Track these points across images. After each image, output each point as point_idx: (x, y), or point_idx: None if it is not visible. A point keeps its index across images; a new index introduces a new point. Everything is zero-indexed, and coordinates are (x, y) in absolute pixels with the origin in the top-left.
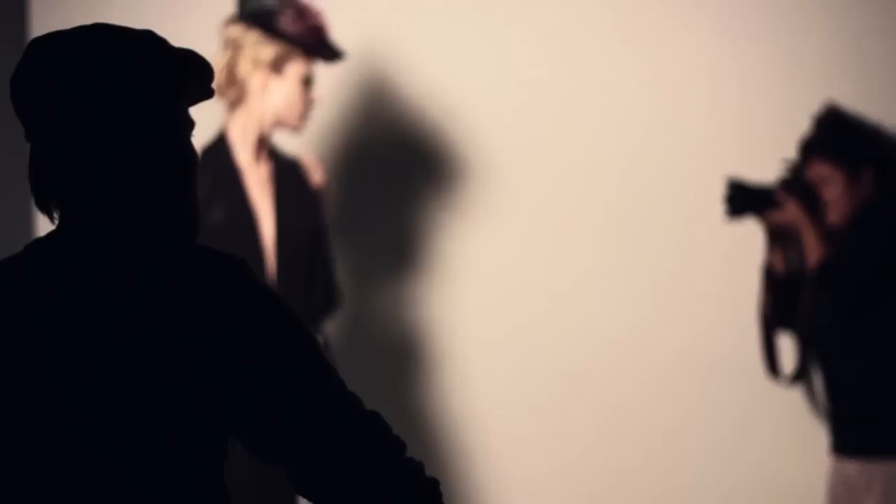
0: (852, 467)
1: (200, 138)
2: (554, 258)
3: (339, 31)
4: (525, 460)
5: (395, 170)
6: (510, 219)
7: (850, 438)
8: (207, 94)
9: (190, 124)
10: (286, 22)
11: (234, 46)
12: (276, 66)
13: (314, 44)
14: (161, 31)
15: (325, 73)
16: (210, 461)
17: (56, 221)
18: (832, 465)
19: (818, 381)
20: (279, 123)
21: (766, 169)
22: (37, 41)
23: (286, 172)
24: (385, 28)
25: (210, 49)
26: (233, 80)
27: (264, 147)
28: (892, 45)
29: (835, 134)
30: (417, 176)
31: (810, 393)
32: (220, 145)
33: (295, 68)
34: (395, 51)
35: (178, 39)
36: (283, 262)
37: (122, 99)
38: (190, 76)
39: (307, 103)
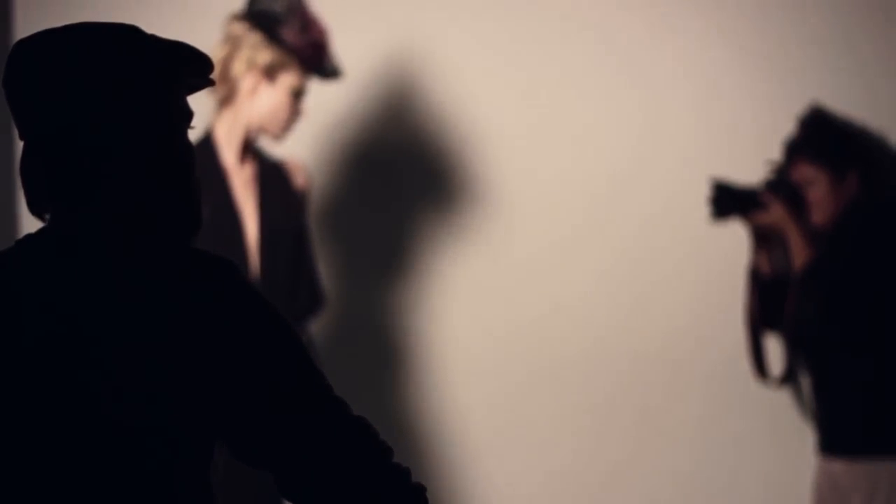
0: (839, 466)
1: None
2: (540, 260)
3: (336, 33)
4: (510, 463)
5: (383, 172)
6: (497, 220)
7: (836, 438)
8: (206, 82)
9: (187, 116)
10: (289, 32)
11: (233, 44)
12: (270, 73)
13: (311, 59)
14: (155, 31)
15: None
16: (196, 463)
17: (47, 222)
18: (819, 464)
19: (805, 381)
20: (261, 129)
21: (752, 170)
22: (22, 42)
23: (270, 174)
24: (380, 30)
25: (207, 45)
26: (225, 76)
27: (249, 148)
28: (878, 46)
29: (820, 135)
30: (406, 179)
31: (797, 393)
32: (206, 145)
33: (288, 78)
34: (386, 54)
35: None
36: (266, 263)
37: (111, 94)
38: (180, 66)
39: (292, 115)
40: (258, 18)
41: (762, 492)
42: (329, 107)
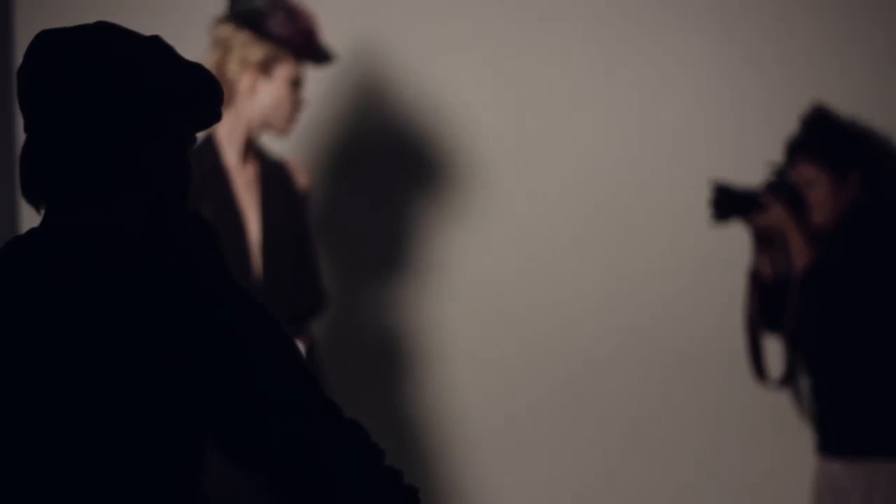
0: (837, 467)
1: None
2: (541, 259)
3: (327, 31)
4: (511, 461)
5: (381, 171)
6: (497, 219)
7: (834, 438)
8: (216, 116)
9: (191, 139)
10: (276, 23)
11: (223, 47)
12: (265, 68)
13: (303, 46)
14: (149, 32)
15: (311, 74)
16: (187, 466)
17: (42, 213)
18: (818, 464)
19: (804, 382)
20: (266, 125)
21: (752, 171)
22: (46, 33)
23: (272, 174)
24: (372, 28)
25: (198, 49)
26: (221, 80)
27: (251, 148)
28: (880, 45)
29: (821, 135)
30: (404, 177)
31: (797, 394)
32: (208, 146)
33: (284, 70)
34: (381, 51)
35: (167, 39)
36: (268, 263)
37: (123, 101)
38: (195, 89)
39: (295, 105)
40: (243, 17)
41: (761, 492)
42: (329, 107)
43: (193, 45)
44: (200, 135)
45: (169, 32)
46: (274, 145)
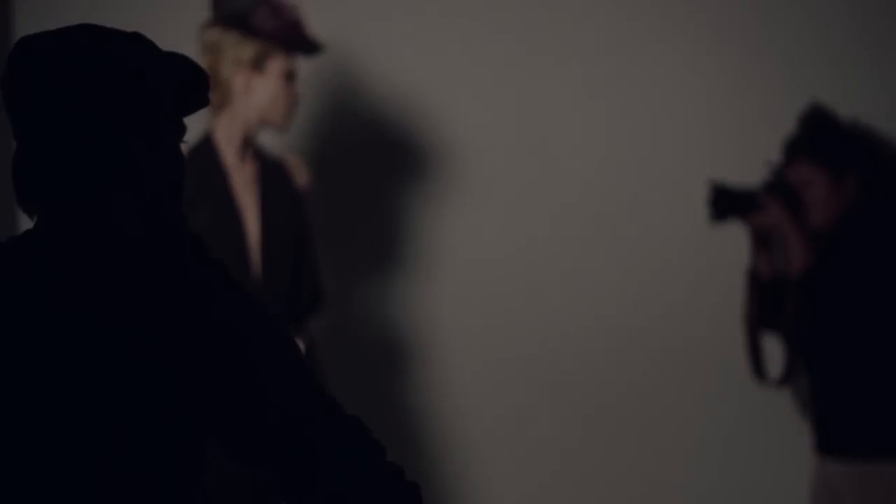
0: (834, 467)
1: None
2: (538, 257)
3: (317, 29)
4: (509, 458)
5: (378, 168)
6: (495, 216)
7: (832, 439)
8: (203, 101)
9: (181, 130)
10: (262, 19)
11: (213, 49)
12: (257, 65)
13: (292, 38)
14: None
15: (303, 72)
16: (187, 465)
17: (35, 219)
18: (815, 464)
19: (803, 382)
20: (265, 122)
21: (751, 171)
22: (26, 40)
23: (271, 173)
24: (363, 24)
25: (190, 52)
26: (215, 82)
27: (250, 147)
28: (879, 45)
29: (819, 135)
30: (400, 174)
31: (795, 394)
32: (206, 146)
33: (276, 65)
34: (374, 47)
35: (160, 43)
36: (268, 263)
37: (112, 100)
38: (180, 79)
39: (291, 99)
40: (229, 18)
41: (759, 492)
42: (323, 105)
43: (189, 48)
44: (199, 135)
45: (166, 33)
46: (271, 143)
